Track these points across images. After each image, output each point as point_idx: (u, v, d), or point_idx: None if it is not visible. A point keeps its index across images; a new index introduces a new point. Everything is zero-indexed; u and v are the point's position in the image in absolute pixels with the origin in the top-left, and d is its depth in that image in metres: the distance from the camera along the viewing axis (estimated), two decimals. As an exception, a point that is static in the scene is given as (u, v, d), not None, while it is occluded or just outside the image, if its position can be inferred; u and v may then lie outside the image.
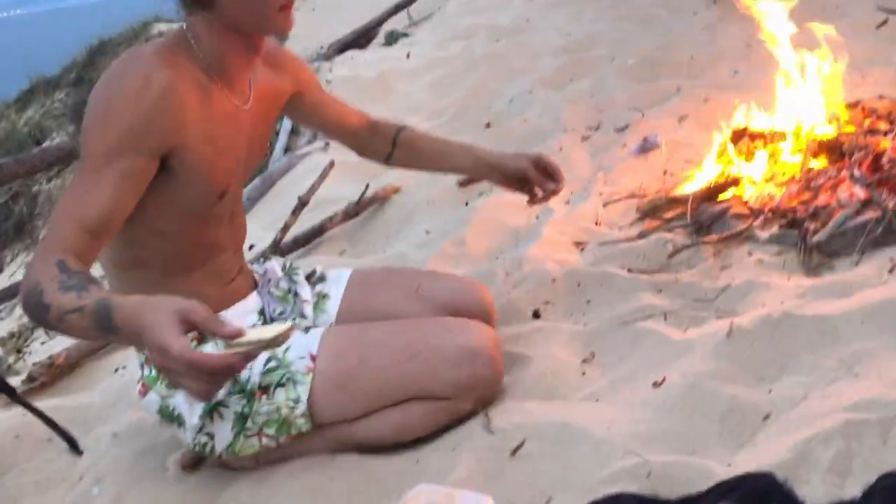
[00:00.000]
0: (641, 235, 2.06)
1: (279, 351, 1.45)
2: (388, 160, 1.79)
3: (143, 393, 1.50)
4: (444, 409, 1.48)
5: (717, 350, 1.49)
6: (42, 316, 1.12)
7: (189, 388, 1.02)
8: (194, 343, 1.46)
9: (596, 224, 2.27)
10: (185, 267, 1.46)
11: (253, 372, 1.43)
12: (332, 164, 3.05)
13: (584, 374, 1.61)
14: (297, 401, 1.43)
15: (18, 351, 2.90)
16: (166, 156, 1.31)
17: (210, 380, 1.01)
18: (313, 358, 1.45)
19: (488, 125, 3.35)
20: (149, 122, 1.27)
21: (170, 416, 1.49)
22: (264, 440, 1.47)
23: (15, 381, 2.06)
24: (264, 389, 1.43)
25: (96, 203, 1.23)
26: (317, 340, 1.47)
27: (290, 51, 1.70)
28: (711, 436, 1.32)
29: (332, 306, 1.71)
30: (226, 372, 1.03)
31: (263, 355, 1.44)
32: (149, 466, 1.61)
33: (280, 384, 1.43)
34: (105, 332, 1.08)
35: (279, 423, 1.44)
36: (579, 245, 2.18)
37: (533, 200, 1.73)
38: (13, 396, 1.75)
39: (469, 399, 1.48)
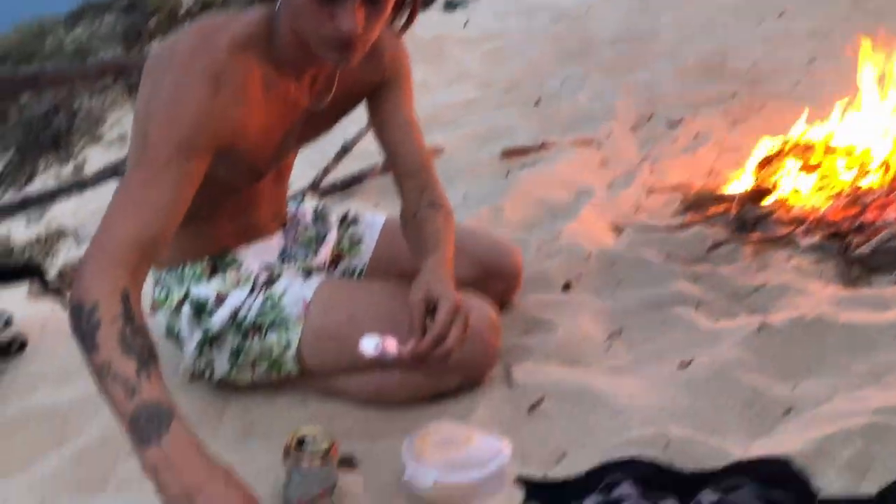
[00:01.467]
0: (683, 226, 2.07)
1: (276, 293, 1.47)
2: (402, 221, 1.56)
3: (152, 311, 1.53)
4: (427, 381, 1.46)
5: (746, 342, 1.50)
6: (85, 348, 1.03)
7: None
8: (206, 274, 1.49)
9: (636, 211, 2.28)
10: (212, 215, 1.45)
11: (250, 311, 1.46)
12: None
13: (608, 348, 1.63)
14: (287, 345, 1.45)
15: (46, 254, 2.96)
16: (220, 151, 1.26)
17: None
18: (306, 306, 1.47)
19: (537, 103, 3.36)
20: (216, 126, 1.21)
21: (175, 338, 1.53)
22: (256, 374, 1.50)
23: (45, 278, 2.11)
24: (258, 329, 1.46)
25: (156, 208, 1.14)
26: (312, 290, 1.48)
27: (397, 40, 1.49)
28: (732, 421, 1.33)
29: (366, 250, 1.73)
30: None
31: (261, 295, 1.47)
32: (164, 371, 1.63)
33: (273, 326, 1.45)
34: (140, 436, 0.96)
35: (270, 362, 1.47)
36: (617, 229, 2.19)
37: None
38: (46, 286, 1.79)
39: (454, 377, 1.46)
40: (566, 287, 1.88)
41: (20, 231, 3.58)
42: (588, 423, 1.35)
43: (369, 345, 1.22)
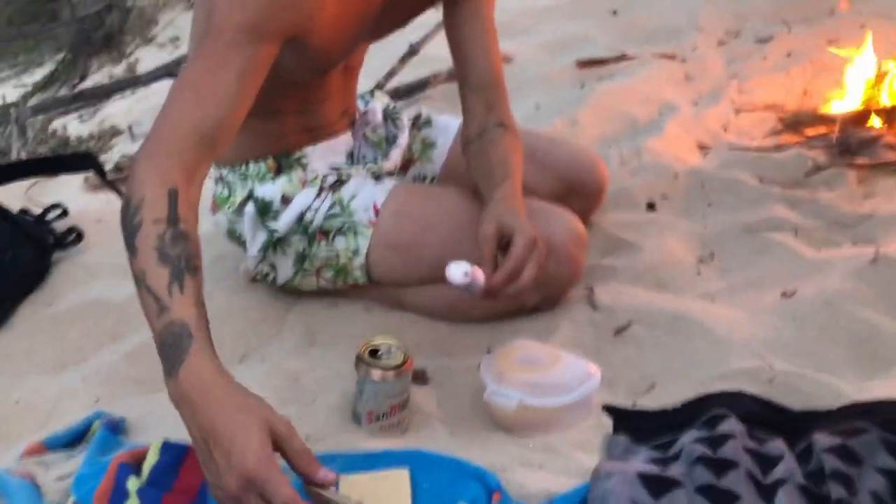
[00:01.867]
0: (778, 148, 1.90)
1: (345, 196, 1.38)
2: (464, 139, 1.42)
3: (213, 210, 1.45)
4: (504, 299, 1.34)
5: (858, 273, 1.36)
6: (128, 250, 0.95)
7: None
8: (271, 174, 1.39)
9: (724, 130, 2.11)
10: (276, 109, 1.34)
11: (317, 214, 1.36)
12: (446, 20, 2.88)
13: (699, 273, 1.50)
14: (355, 252, 1.37)
15: (101, 150, 2.89)
16: (290, 37, 1.14)
17: None
18: (377, 211, 1.37)
19: (615, 13, 3.14)
20: (288, 9, 1.10)
21: (237, 240, 1.45)
22: (322, 281, 1.43)
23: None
24: (325, 233, 1.37)
25: (218, 97, 1.03)
26: (384, 194, 1.38)
27: None
28: (843, 358, 1.21)
29: (439, 156, 1.61)
30: None
31: (329, 198, 1.37)
32: (226, 269, 1.57)
33: (341, 231, 1.37)
34: (164, 361, 0.88)
35: (336, 269, 1.39)
36: (704, 148, 2.03)
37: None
38: (103, 177, 1.71)
39: (535, 294, 1.33)
40: (650, 207, 1.75)
41: (74, 127, 3.52)
42: (682, 351, 1.24)
43: (457, 272, 1.09)
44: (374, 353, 1.12)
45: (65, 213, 1.72)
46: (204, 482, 1.03)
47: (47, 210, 1.68)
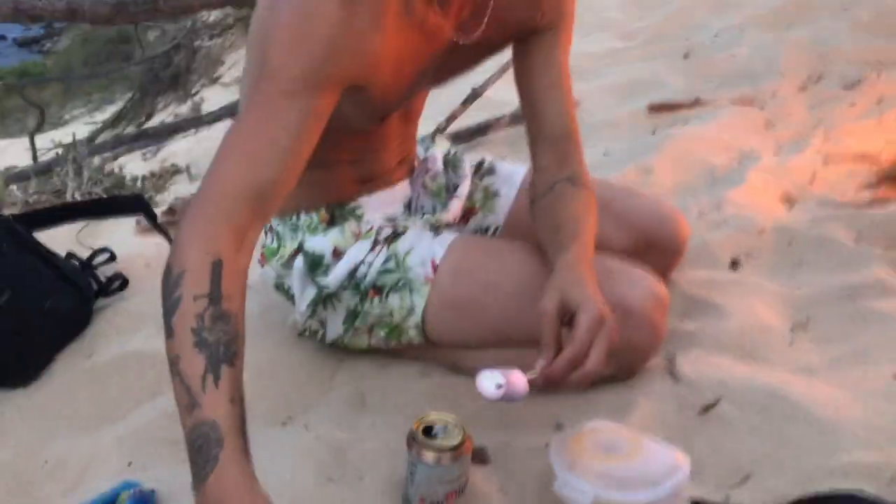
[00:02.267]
0: (876, 202, 1.73)
1: (400, 251, 1.27)
2: (532, 195, 1.29)
3: (262, 262, 1.36)
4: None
5: (983, 351, 1.18)
6: (165, 328, 0.87)
7: None
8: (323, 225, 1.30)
9: (811, 181, 1.95)
10: (331, 158, 1.23)
11: (370, 269, 1.26)
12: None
13: (793, 343, 1.34)
14: (410, 310, 1.25)
15: (159, 190, 2.87)
16: (350, 84, 1.04)
17: None
18: (434, 267, 1.25)
19: (686, 56, 3.01)
20: (349, 54, 1.00)
21: (285, 293, 1.36)
22: (374, 340, 1.32)
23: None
24: (378, 290, 1.27)
25: (274, 150, 0.95)
26: (443, 249, 1.26)
27: None
28: (975, 453, 1.03)
29: (503, 207, 1.49)
30: None
31: (383, 252, 1.27)
32: (273, 322, 1.46)
33: (396, 288, 1.26)
34: (192, 465, 0.80)
35: (390, 328, 1.28)
36: (789, 201, 1.87)
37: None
38: (153, 221, 1.64)
39: (611, 363, 1.19)
40: (734, 265, 1.59)
41: (134, 166, 3.53)
42: (780, 437, 1.08)
43: (489, 385, 0.92)
44: (428, 430, 0.99)
45: (112, 257, 1.65)
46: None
47: (94, 254, 1.62)
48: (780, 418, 1.10)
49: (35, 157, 3.01)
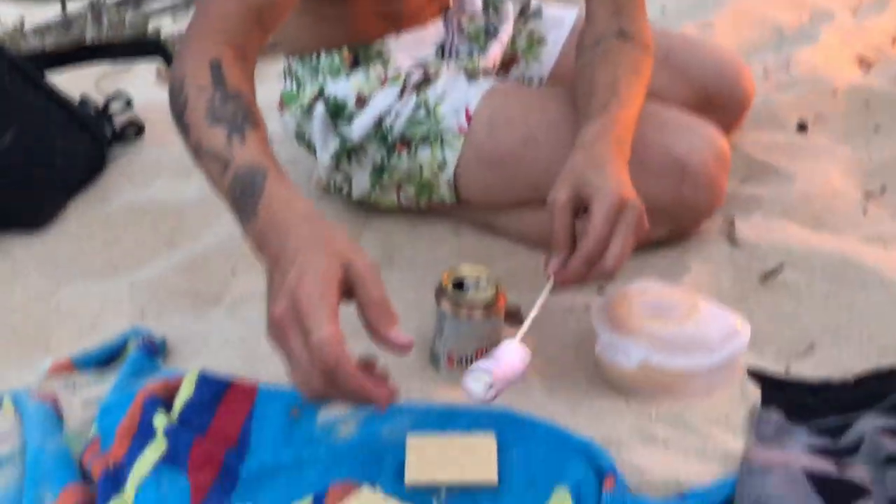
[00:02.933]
0: (966, 64, 1.54)
1: (431, 99, 1.13)
2: (578, 47, 1.14)
3: (280, 109, 1.23)
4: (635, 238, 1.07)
5: None
6: (181, 132, 0.84)
7: (298, 379, 0.66)
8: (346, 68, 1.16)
9: (892, 44, 1.75)
10: None
11: (397, 120, 1.13)
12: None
13: (866, 211, 1.20)
14: (442, 166, 1.13)
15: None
16: None
17: (335, 391, 0.66)
18: (469, 118, 1.12)
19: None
20: None
21: (306, 145, 1.24)
22: (402, 198, 1.20)
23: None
24: (406, 143, 1.14)
25: None
26: (478, 97, 1.13)
27: None
28: None
29: (549, 55, 1.33)
30: (365, 400, 0.67)
31: (412, 100, 1.13)
32: (296, 176, 1.36)
33: (426, 141, 1.13)
34: (240, 212, 0.75)
35: (419, 185, 1.17)
36: (866, 63, 1.68)
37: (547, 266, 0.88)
38: (169, 63, 1.52)
39: (663, 224, 1.08)
40: (802, 128, 1.43)
41: (164, 23, 3.37)
42: (849, 305, 0.97)
43: (477, 386, 0.75)
44: (459, 284, 0.89)
45: (129, 103, 1.54)
46: (246, 424, 0.84)
47: (109, 101, 1.50)
48: (851, 287, 0.99)
49: (64, 11, 2.86)
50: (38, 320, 1.15)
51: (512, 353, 0.76)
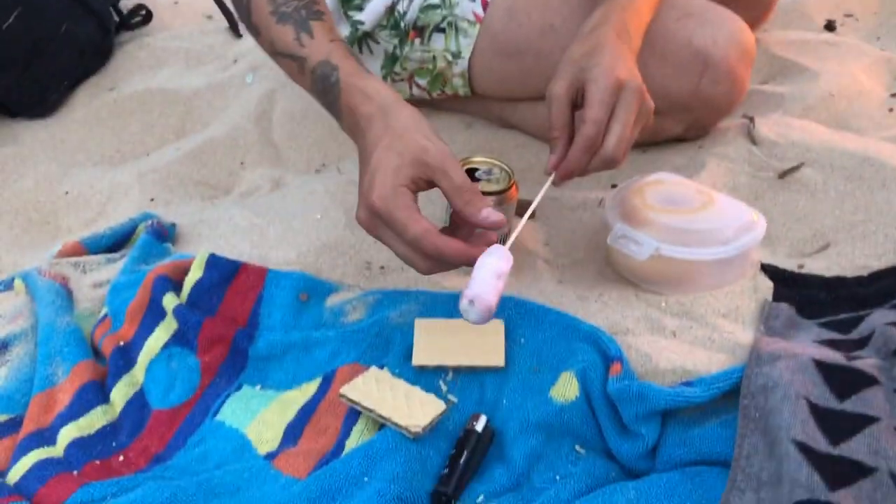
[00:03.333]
0: None
1: None
2: None
3: None
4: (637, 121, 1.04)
5: None
6: (252, 35, 0.86)
7: (404, 261, 0.72)
8: None
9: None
10: None
11: (410, 5, 1.08)
12: None
13: (891, 109, 1.16)
14: (456, 55, 1.09)
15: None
16: None
17: (444, 267, 0.71)
18: (485, 5, 1.07)
19: None
20: None
21: None
22: (415, 89, 1.16)
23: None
24: (419, 30, 1.10)
25: None
26: None
27: None
28: None
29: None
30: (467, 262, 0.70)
31: None
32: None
33: (439, 28, 1.08)
34: (329, 110, 0.80)
35: (433, 76, 1.13)
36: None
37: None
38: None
39: (680, 120, 1.05)
40: (830, 27, 1.38)
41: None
42: (867, 205, 0.94)
43: (463, 304, 0.67)
44: (470, 174, 0.87)
45: (136, -12, 1.49)
46: (255, 307, 0.84)
47: (116, -16, 1.45)
48: (870, 185, 0.96)
49: None
50: (46, 206, 1.15)
51: (484, 268, 0.69)
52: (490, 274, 0.66)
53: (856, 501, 0.57)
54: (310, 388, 0.78)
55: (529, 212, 0.81)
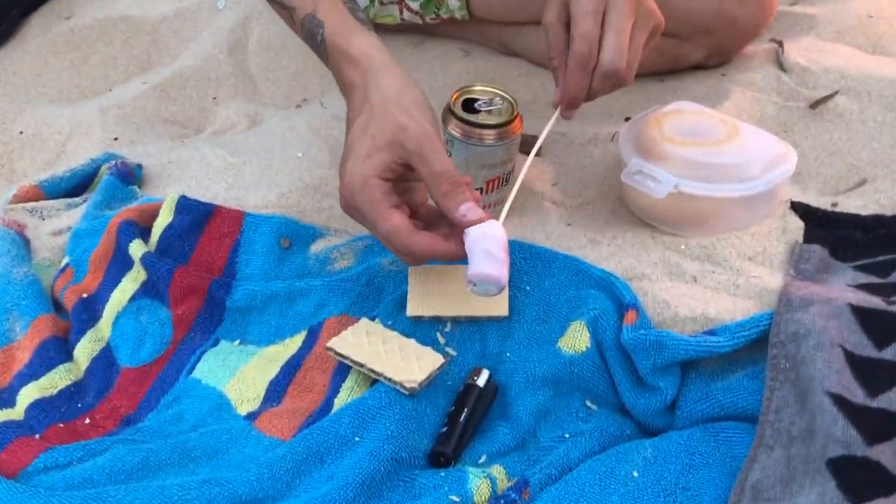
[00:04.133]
0: None
1: None
2: None
3: None
4: (657, 46, 0.96)
5: None
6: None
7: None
8: None
9: None
10: None
11: None
12: None
13: (934, 33, 1.13)
14: None
15: None
16: None
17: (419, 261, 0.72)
18: None
19: None
20: None
21: None
22: (406, 13, 1.14)
23: None
24: None
25: None
26: None
27: None
28: None
29: None
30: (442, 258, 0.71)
31: None
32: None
33: None
34: (320, 57, 0.81)
35: None
36: None
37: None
38: None
39: (702, 44, 1.03)
40: (866, -59, 1.34)
41: None
42: (909, 137, 0.93)
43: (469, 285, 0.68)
44: (469, 104, 0.84)
45: None
46: (231, 254, 0.83)
47: None
48: (913, 115, 0.94)
49: None
50: (0, 146, 1.13)
51: (478, 243, 0.68)
52: (490, 246, 0.67)
53: (896, 457, 0.56)
54: (294, 343, 0.77)
55: (536, 148, 0.80)
